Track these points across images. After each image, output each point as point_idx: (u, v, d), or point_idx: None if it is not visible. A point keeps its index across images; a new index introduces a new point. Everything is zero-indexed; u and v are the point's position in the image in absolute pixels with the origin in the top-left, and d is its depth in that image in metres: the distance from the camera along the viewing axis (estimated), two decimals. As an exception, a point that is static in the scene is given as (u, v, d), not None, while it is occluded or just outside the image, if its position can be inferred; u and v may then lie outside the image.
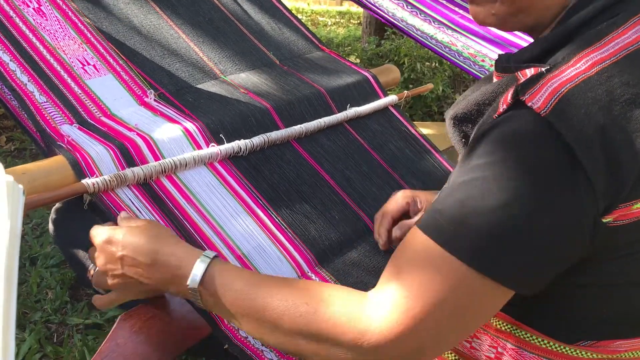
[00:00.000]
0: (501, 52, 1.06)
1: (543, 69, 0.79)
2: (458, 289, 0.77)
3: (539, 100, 0.75)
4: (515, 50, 2.14)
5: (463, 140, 0.95)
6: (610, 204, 0.76)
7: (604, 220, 0.76)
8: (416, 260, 0.80)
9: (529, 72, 0.81)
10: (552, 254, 0.78)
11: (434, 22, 2.27)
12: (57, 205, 1.84)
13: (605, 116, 0.74)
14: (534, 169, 0.75)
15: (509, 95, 0.79)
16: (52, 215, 1.85)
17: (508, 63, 0.90)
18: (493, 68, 0.97)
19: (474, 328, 0.89)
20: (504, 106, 0.79)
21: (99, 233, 1.01)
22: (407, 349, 0.78)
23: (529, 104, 0.75)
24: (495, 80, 0.93)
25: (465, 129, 0.94)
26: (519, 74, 0.82)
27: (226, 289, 0.90)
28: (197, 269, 0.92)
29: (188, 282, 0.92)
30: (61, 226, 1.81)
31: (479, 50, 2.15)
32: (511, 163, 0.76)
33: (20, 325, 1.78)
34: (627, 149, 0.74)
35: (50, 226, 1.80)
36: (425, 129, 2.37)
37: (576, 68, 0.77)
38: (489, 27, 2.22)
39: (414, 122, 1.87)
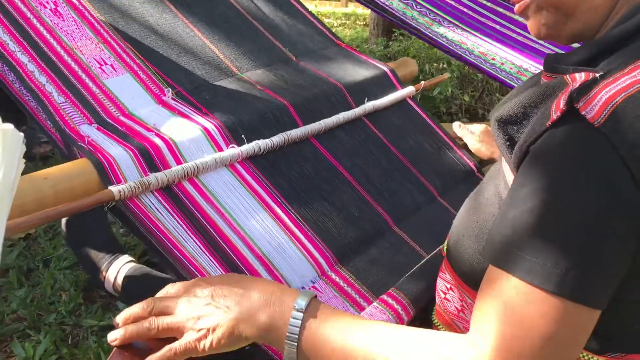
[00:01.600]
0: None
1: (597, 75, 0.76)
2: (560, 324, 0.75)
3: (593, 109, 0.72)
4: (526, 50, 2.12)
5: (508, 142, 0.92)
6: None
7: None
8: (509, 301, 0.77)
9: (579, 76, 0.77)
10: (618, 267, 0.76)
11: (443, 21, 2.27)
12: None
13: None
14: (594, 191, 0.73)
15: (561, 101, 0.76)
16: (63, 224, 1.85)
17: (557, 64, 0.87)
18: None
19: (575, 356, 0.87)
20: (558, 113, 0.76)
21: (173, 287, 0.95)
22: None
23: (583, 113, 0.73)
24: (543, 80, 0.90)
25: (510, 132, 0.90)
26: (568, 77, 0.79)
27: (327, 326, 0.87)
28: (301, 298, 0.88)
29: (294, 304, 0.88)
30: (74, 228, 1.80)
31: (489, 49, 2.14)
32: (570, 182, 0.74)
33: (36, 327, 1.77)
34: None
35: (63, 228, 1.80)
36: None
37: (632, 77, 0.74)
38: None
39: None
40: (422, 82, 1.94)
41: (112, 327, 1.73)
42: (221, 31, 1.70)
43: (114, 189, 1.07)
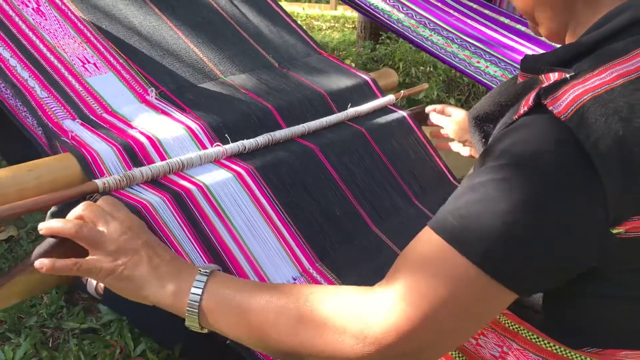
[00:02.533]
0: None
1: (567, 75, 0.78)
2: (464, 290, 0.76)
3: (560, 105, 0.74)
4: (511, 52, 2.14)
5: (484, 139, 0.94)
6: (620, 214, 0.75)
7: (613, 231, 0.76)
8: (425, 259, 0.79)
9: (553, 76, 0.80)
10: (560, 259, 0.77)
11: (429, 23, 2.29)
12: (53, 209, 1.82)
13: (625, 127, 0.73)
14: (550, 174, 0.74)
15: (530, 98, 0.78)
16: (49, 217, 1.84)
17: (534, 64, 0.89)
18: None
19: (474, 330, 0.88)
20: (525, 108, 0.78)
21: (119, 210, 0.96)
22: (409, 346, 0.77)
23: (550, 108, 0.75)
24: (520, 80, 0.93)
25: (486, 129, 0.93)
26: (543, 77, 0.82)
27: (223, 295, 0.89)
28: (206, 267, 0.92)
29: (199, 269, 0.91)
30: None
31: (475, 52, 2.16)
32: (527, 167, 0.75)
33: (16, 329, 1.75)
34: None
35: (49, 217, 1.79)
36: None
37: (601, 78, 0.77)
38: (485, 31, 2.23)
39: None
40: (402, 92, 1.95)
41: (93, 330, 1.73)
42: (205, 35, 1.71)
43: (98, 181, 1.07)
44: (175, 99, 1.42)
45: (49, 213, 1.84)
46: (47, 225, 0.92)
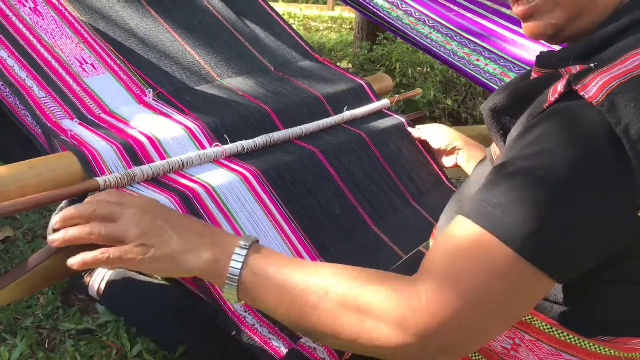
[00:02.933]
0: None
1: (592, 65, 0.80)
2: (504, 276, 0.76)
3: (591, 90, 0.76)
4: (511, 47, 2.14)
5: (501, 131, 0.95)
6: None
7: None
8: (463, 247, 0.79)
9: (574, 68, 0.82)
10: (595, 242, 0.78)
11: (428, 20, 2.28)
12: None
13: None
14: (584, 159, 0.76)
15: (559, 85, 0.80)
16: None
17: (550, 59, 0.91)
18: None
19: (516, 319, 0.88)
20: (556, 95, 0.80)
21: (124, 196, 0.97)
22: (450, 335, 0.77)
23: (581, 93, 0.77)
24: (533, 76, 0.95)
25: (503, 121, 0.95)
26: (564, 70, 0.84)
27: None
28: (245, 238, 0.91)
29: (238, 241, 0.90)
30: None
31: (474, 49, 2.15)
32: (562, 153, 0.77)
33: (12, 330, 1.74)
34: None
35: (49, 229, 1.79)
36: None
37: (625, 66, 0.79)
38: (486, 25, 2.22)
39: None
40: (397, 96, 1.96)
41: (89, 331, 1.73)
42: (201, 38, 1.71)
43: (99, 179, 1.07)
44: (173, 100, 1.42)
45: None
46: (59, 237, 0.93)
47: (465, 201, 1.01)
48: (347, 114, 1.69)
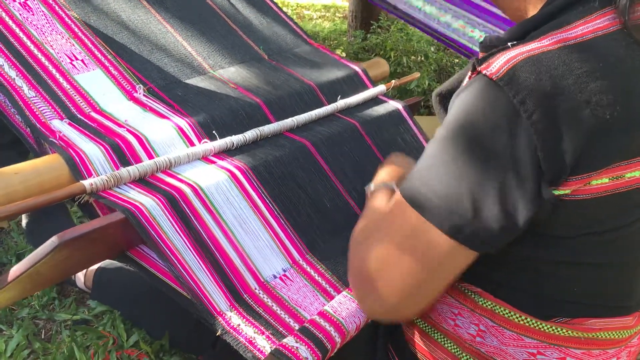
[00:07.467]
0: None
1: (509, 44, 0.85)
2: (419, 240, 0.87)
3: (493, 67, 0.80)
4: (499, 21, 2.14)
5: (444, 114, 1.01)
6: (557, 173, 0.79)
7: (556, 192, 0.80)
8: (395, 225, 0.91)
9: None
10: (507, 202, 0.82)
11: None
12: (26, 220, 1.83)
13: (555, 84, 0.77)
14: (484, 127, 0.81)
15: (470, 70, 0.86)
16: (24, 219, 1.85)
17: (490, 43, 0.95)
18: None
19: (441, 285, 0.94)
20: (467, 80, 0.87)
21: None
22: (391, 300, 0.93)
23: (484, 72, 0.81)
24: None
25: (445, 104, 1.03)
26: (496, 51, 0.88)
27: None
28: None
29: None
30: (35, 228, 1.81)
31: (469, 22, 2.15)
32: (463, 127, 0.82)
33: (8, 321, 1.76)
34: (572, 118, 0.77)
35: (24, 228, 1.81)
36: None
37: (540, 43, 0.82)
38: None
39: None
40: (393, 81, 1.95)
41: (85, 321, 1.75)
42: (194, 28, 1.71)
43: (85, 182, 1.07)
44: (164, 96, 1.42)
45: (23, 224, 1.85)
46: None
47: None
48: (341, 103, 1.68)
